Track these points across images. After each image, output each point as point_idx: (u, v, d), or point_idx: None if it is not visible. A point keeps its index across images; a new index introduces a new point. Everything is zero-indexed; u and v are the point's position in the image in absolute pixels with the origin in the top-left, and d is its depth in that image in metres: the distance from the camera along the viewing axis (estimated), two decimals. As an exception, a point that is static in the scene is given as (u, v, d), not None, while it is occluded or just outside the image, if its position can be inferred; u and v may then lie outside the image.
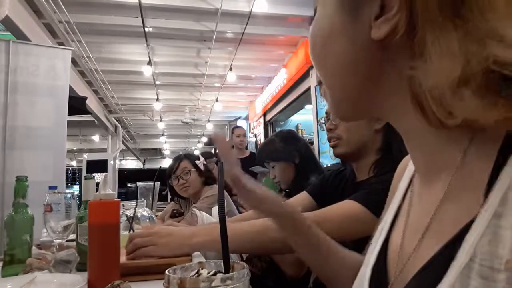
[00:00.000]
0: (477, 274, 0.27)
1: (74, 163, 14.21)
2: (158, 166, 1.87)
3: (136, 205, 1.33)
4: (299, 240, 0.61)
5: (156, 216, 2.01)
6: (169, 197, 2.37)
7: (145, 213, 1.41)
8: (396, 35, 0.32)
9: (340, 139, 1.09)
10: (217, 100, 7.33)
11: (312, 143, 4.90)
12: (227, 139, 0.91)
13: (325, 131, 1.16)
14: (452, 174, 0.34)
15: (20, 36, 3.51)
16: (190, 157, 2.24)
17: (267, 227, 0.85)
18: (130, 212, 1.27)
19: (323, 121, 1.16)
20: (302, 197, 1.26)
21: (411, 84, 0.33)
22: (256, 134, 7.88)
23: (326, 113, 1.14)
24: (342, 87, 0.40)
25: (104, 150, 9.85)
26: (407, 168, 0.49)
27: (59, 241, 1.10)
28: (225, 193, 2.19)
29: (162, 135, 11.61)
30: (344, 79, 0.39)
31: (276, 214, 0.60)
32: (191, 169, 2.16)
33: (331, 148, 1.14)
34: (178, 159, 2.22)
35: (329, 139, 1.13)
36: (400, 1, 0.31)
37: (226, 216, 0.46)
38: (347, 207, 0.91)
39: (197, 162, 2.21)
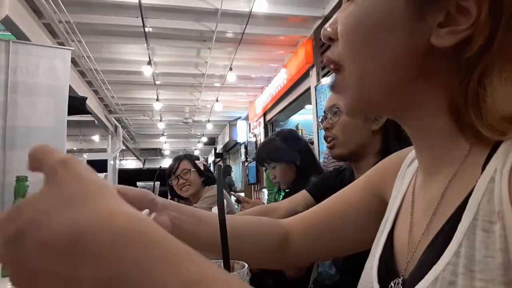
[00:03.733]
0: (480, 229, 0.31)
1: (74, 163, 14.18)
2: (158, 166, 1.86)
3: (136, 205, 1.32)
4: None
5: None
6: (169, 197, 2.37)
7: (144, 213, 1.41)
8: (461, 50, 0.34)
9: (336, 139, 1.08)
10: (217, 100, 7.32)
11: (312, 143, 4.89)
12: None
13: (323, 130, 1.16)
14: (457, 167, 0.37)
15: (20, 36, 3.51)
16: (190, 157, 2.24)
17: None
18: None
19: (321, 120, 1.16)
20: (302, 196, 1.26)
21: (456, 98, 0.35)
22: (256, 134, 7.88)
23: (324, 112, 1.14)
24: (381, 78, 0.39)
25: (104, 150, 9.86)
26: (403, 165, 0.52)
27: (59, 241, 1.10)
28: (226, 193, 2.21)
29: (162, 135, 11.61)
30: (386, 71, 0.38)
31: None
32: (191, 169, 2.15)
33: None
34: (178, 159, 2.22)
35: (325, 138, 1.13)
36: (476, 21, 0.32)
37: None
38: None
39: (197, 162, 2.21)
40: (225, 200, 0.48)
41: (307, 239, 0.62)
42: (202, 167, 2.21)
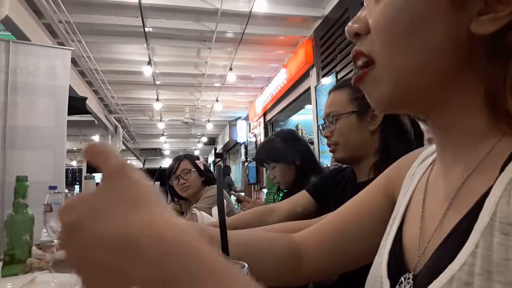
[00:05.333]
0: (498, 231, 0.30)
1: (74, 163, 14.22)
2: (158, 166, 1.86)
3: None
4: None
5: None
6: (169, 197, 2.37)
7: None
8: (500, 36, 0.34)
9: (337, 144, 1.10)
10: (217, 100, 7.33)
11: (312, 143, 4.90)
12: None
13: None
14: (476, 163, 0.37)
15: (20, 36, 3.51)
16: (190, 157, 2.24)
17: None
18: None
19: (322, 128, 1.16)
20: (302, 196, 1.26)
21: (493, 84, 0.35)
22: (256, 134, 7.88)
23: (324, 120, 1.14)
24: (421, 70, 0.38)
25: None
26: (413, 164, 0.52)
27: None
28: (226, 193, 2.21)
29: (162, 135, 11.61)
30: (430, 61, 0.37)
31: None
32: (191, 169, 2.15)
33: (331, 149, 1.15)
34: (178, 159, 2.21)
35: (328, 145, 1.15)
36: None
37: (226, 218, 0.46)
38: None
39: (197, 162, 2.21)
40: (225, 200, 0.48)
41: (321, 252, 0.59)
42: (202, 167, 2.21)
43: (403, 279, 0.40)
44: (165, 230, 0.25)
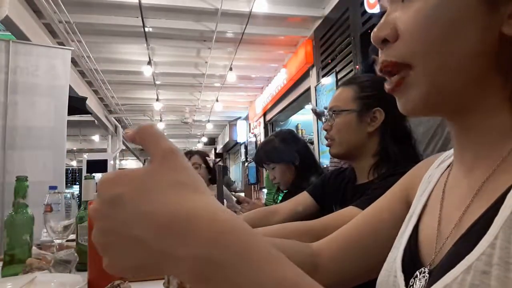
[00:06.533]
0: None
1: (74, 163, 14.21)
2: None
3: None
4: None
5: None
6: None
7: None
8: None
9: (333, 139, 1.10)
10: (217, 100, 7.33)
11: (312, 143, 4.89)
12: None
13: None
14: (497, 164, 0.38)
15: (20, 36, 3.52)
16: (201, 154, 2.29)
17: None
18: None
19: (325, 120, 1.17)
20: (303, 197, 1.26)
21: None
22: (256, 134, 7.88)
23: (326, 113, 1.15)
24: (456, 74, 0.38)
25: (104, 150, 9.85)
26: (431, 167, 0.52)
27: (59, 241, 1.10)
28: (227, 191, 2.22)
29: (162, 135, 11.59)
30: (464, 64, 0.38)
31: None
32: (201, 165, 2.18)
33: (331, 149, 1.15)
34: (189, 153, 2.26)
35: (325, 138, 1.15)
36: None
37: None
38: (349, 215, 0.91)
39: (207, 158, 2.25)
40: (225, 201, 0.48)
41: (339, 261, 0.59)
42: (211, 165, 2.25)
43: (418, 273, 0.41)
44: (219, 212, 0.26)
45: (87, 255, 0.80)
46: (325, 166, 3.48)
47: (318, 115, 2.36)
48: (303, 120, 6.76)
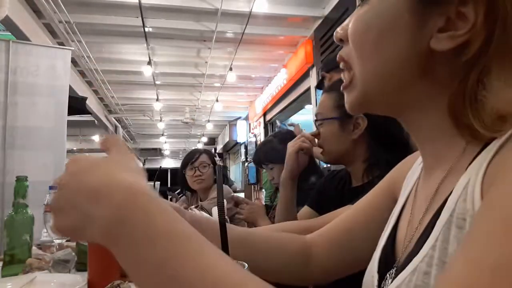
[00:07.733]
0: (455, 225, 0.33)
1: (74, 163, 14.19)
2: (158, 166, 1.88)
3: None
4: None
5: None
6: (169, 197, 2.38)
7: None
8: (460, 53, 0.36)
9: (322, 147, 1.11)
10: (217, 100, 7.33)
11: (312, 143, 4.89)
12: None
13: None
14: (451, 165, 0.39)
15: (20, 36, 3.52)
16: (210, 153, 2.30)
17: None
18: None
19: (315, 125, 1.18)
20: (306, 212, 1.26)
21: (454, 98, 0.36)
22: (256, 134, 7.88)
23: (315, 120, 1.16)
24: (385, 78, 0.41)
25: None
26: (412, 167, 0.54)
27: (59, 241, 1.10)
28: (229, 190, 2.22)
29: (162, 135, 11.60)
30: (390, 72, 0.41)
31: None
32: (209, 164, 2.19)
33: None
34: (198, 152, 2.26)
35: (318, 146, 1.16)
36: (473, 26, 0.34)
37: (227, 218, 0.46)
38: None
39: (216, 159, 2.25)
40: (225, 201, 0.48)
41: (330, 252, 0.61)
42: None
43: (388, 275, 0.43)
44: (135, 185, 0.33)
45: (87, 255, 0.80)
46: (324, 166, 3.47)
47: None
48: (303, 120, 6.75)
